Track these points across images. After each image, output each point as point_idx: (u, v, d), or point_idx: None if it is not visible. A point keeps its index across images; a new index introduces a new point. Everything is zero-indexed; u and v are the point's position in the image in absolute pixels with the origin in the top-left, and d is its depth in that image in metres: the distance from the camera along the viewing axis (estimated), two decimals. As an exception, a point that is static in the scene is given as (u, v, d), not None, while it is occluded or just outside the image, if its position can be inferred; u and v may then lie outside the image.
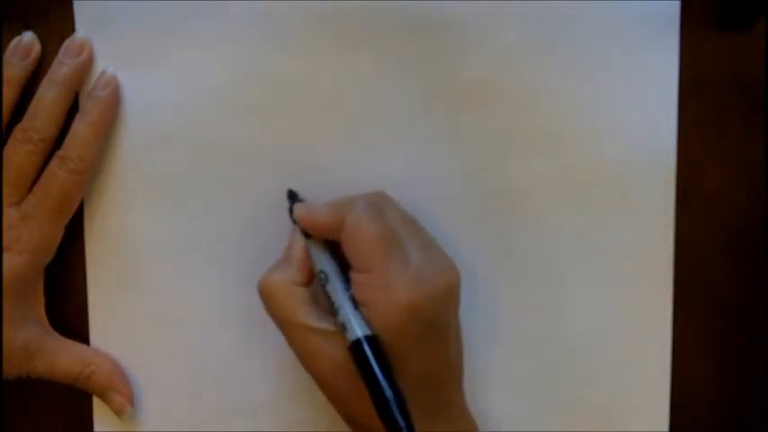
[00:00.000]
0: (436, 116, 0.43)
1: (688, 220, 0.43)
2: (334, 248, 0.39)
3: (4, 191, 0.41)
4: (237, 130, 0.43)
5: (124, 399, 0.43)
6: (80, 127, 0.41)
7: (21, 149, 0.41)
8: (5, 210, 0.41)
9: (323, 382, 0.38)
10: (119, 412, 0.43)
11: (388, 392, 0.34)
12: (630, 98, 0.43)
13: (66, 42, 0.42)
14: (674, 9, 0.42)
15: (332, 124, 0.43)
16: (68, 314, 0.44)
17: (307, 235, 0.40)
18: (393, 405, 0.34)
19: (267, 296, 0.39)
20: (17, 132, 0.41)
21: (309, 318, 0.37)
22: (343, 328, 0.36)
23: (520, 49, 0.42)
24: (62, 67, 0.42)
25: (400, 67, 0.42)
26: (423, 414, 0.36)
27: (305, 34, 0.42)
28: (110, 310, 0.44)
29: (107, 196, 0.43)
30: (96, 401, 0.44)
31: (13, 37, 0.42)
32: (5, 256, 0.41)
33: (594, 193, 0.43)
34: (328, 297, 0.38)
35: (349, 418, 0.39)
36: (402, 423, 0.34)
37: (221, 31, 0.42)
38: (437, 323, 0.37)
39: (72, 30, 0.42)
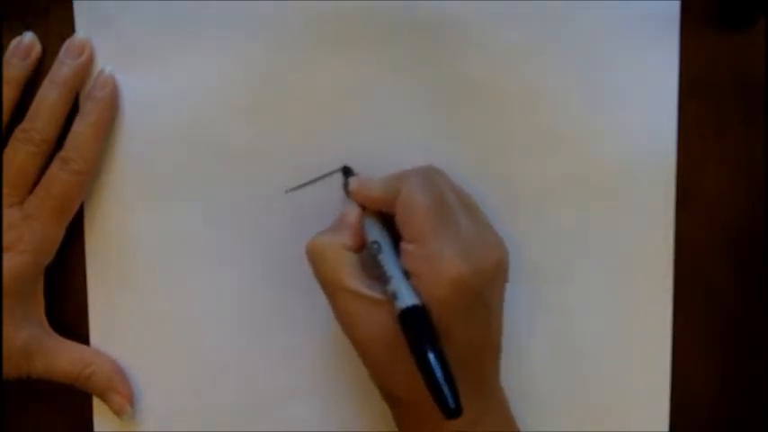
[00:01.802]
0: (436, 116, 0.43)
1: (688, 220, 0.43)
2: (388, 222, 0.39)
3: (6, 191, 0.41)
4: (237, 130, 0.43)
5: (124, 399, 0.43)
6: (80, 127, 0.41)
7: (22, 150, 0.41)
8: (7, 210, 0.41)
9: (364, 350, 0.38)
10: (118, 412, 0.43)
11: (436, 364, 0.34)
12: (630, 98, 0.43)
13: (67, 43, 0.42)
14: (674, 9, 0.42)
15: (332, 124, 0.43)
16: (68, 314, 0.44)
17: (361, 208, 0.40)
18: (441, 377, 0.34)
19: (316, 257, 0.39)
20: (18, 133, 0.41)
21: (358, 283, 0.37)
22: (393, 297, 0.36)
23: (520, 49, 0.42)
24: (63, 68, 0.42)
25: (400, 67, 0.42)
26: (461, 388, 0.35)
27: (305, 34, 0.42)
28: (110, 310, 0.44)
29: (107, 196, 0.43)
30: (96, 401, 0.44)
31: (13, 37, 0.42)
32: (6, 256, 0.41)
33: (594, 193, 0.43)
34: (380, 266, 0.38)
35: (386, 390, 0.39)
36: (449, 395, 0.34)
37: (221, 32, 0.42)
38: (483, 298, 0.37)
39: (72, 30, 0.42)
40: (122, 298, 0.44)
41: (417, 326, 0.35)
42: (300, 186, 0.43)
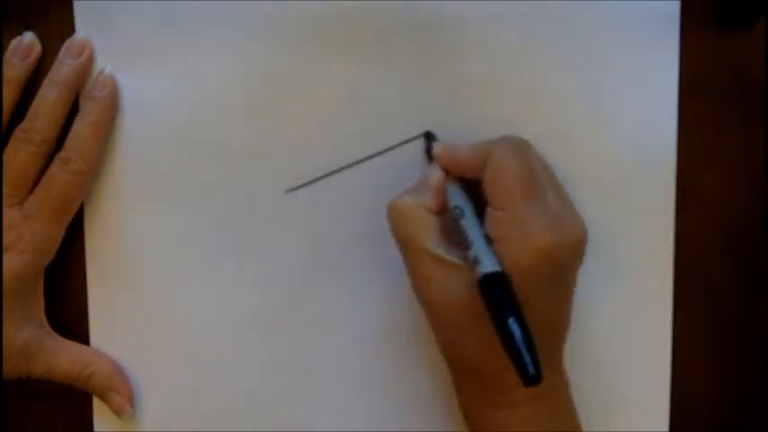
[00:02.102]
0: (436, 116, 0.43)
1: (688, 220, 0.43)
2: (469, 188, 0.39)
3: (6, 191, 0.41)
4: (237, 130, 0.43)
5: (124, 399, 0.43)
6: (80, 127, 0.41)
7: (22, 150, 0.41)
8: (7, 210, 0.41)
9: (436, 313, 0.38)
10: (118, 412, 0.43)
11: (518, 329, 0.34)
12: (630, 98, 0.43)
13: (67, 43, 0.42)
14: (674, 9, 0.42)
15: (332, 124, 0.43)
16: (68, 314, 0.44)
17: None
18: (522, 342, 0.34)
19: (398, 217, 0.39)
20: (18, 133, 0.41)
21: (437, 246, 0.37)
22: (473, 263, 0.36)
23: (520, 49, 0.42)
24: (63, 68, 0.42)
25: (400, 67, 0.42)
26: None
27: (305, 34, 0.42)
28: (110, 310, 0.44)
29: (107, 196, 0.43)
30: (96, 401, 0.44)
31: (13, 37, 0.42)
32: (6, 256, 0.41)
33: (594, 193, 0.43)
34: (461, 231, 0.37)
35: (452, 355, 0.39)
36: (530, 361, 0.34)
37: (221, 32, 0.42)
38: (563, 272, 0.37)
39: (72, 30, 0.42)
40: (122, 298, 0.44)
41: (499, 292, 0.35)
42: (300, 186, 0.43)
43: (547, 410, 0.39)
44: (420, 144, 0.42)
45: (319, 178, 0.43)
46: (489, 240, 0.37)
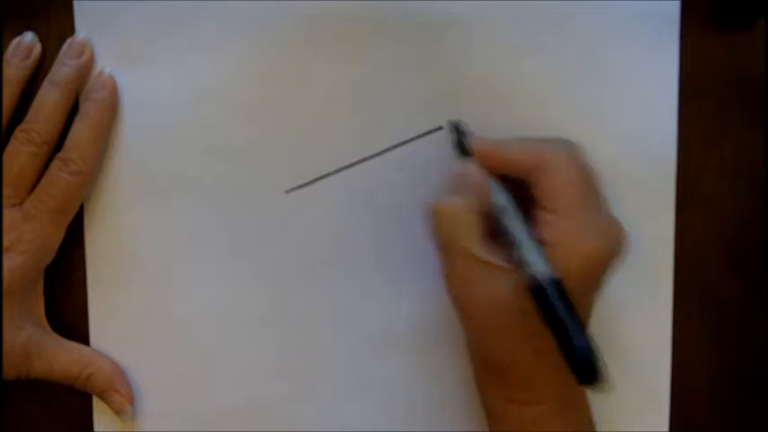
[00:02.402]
0: (436, 116, 0.43)
1: (688, 221, 0.43)
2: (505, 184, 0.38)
3: (6, 192, 0.41)
4: (237, 130, 0.43)
5: (124, 399, 0.43)
6: (80, 128, 0.41)
7: (22, 151, 0.41)
8: (7, 211, 0.41)
9: (473, 315, 0.38)
10: (119, 412, 0.43)
11: (581, 339, 0.34)
12: (630, 98, 0.43)
13: (67, 43, 0.42)
14: (674, 9, 0.42)
15: (332, 124, 0.43)
16: (68, 314, 0.44)
17: None
18: (587, 351, 0.34)
19: (445, 219, 0.38)
20: (18, 133, 0.41)
21: (478, 247, 0.37)
22: (521, 264, 0.36)
23: (520, 49, 0.42)
24: (63, 68, 0.42)
25: (400, 67, 0.42)
26: None
27: (305, 34, 0.42)
28: (110, 310, 0.44)
29: (107, 196, 0.43)
30: (96, 401, 0.44)
31: (13, 37, 0.42)
32: (7, 257, 0.41)
33: (594, 194, 0.43)
34: (507, 231, 0.37)
35: (484, 356, 0.39)
36: (598, 368, 0.34)
37: (221, 31, 0.42)
38: (604, 276, 0.37)
39: (72, 30, 0.42)
40: (122, 298, 0.44)
41: (557, 296, 0.35)
42: (300, 186, 0.43)
43: (572, 407, 0.39)
44: (421, 144, 0.42)
45: (319, 178, 0.43)
46: (537, 242, 0.36)
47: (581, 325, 0.35)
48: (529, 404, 0.38)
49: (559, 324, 0.35)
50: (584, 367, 0.34)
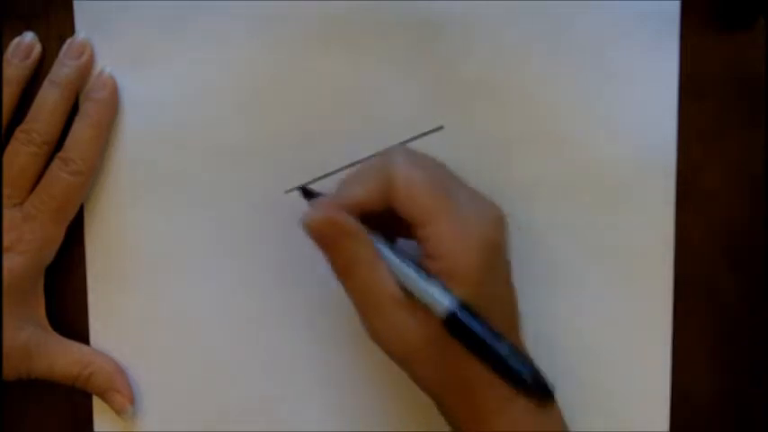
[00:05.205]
0: (436, 116, 0.43)
1: (688, 220, 0.43)
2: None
3: (6, 192, 0.41)
4: (237, 130, 0.43)
5: (125, 399, 0.43)
6: (80, 128, 0.41)
7: (23, 151, 0.41)
8: (7, 211, 0.41)
9: (402, 357, 0.36)
10: (119, 412, 0.43)
11: (504, 348, 0.34)
12: (630, 98, 0.43)
13: (67, 43, 0.42)
14: (674, 9, 0.42)
15: (332, 124, 0.43)
16: (68, 314, 0.44)
17: None
18: (523, 364, 0.33)
19: (350, 273, 0.36)
20: (19, 134, 0.41)
21: (396, 289, 0.36)
22: (426, 300, 0.35)
23: (520, 49, 0.42)
24: (63, 69, 0.42)
25: (400, 67, 0.43)
26: None
27: (305, 34, 0.42)
28: (110, 310, 0.44)
29: (107, 196, 0.43)
30: (96, 401, 0.44)
31: (13, 37, 0.42)
32: (7, 257, 0.41)
33: (594, 193, 0.43)
34: (396, 273, 0.36)
35: (437, 392, 0.37)
36: (528, 372, 0.33)
37: (221, 31, 0.42)
38: (504, 255, 0.37)
39: (72, 30, 0.42)
40: (122, 298, 0.44)
41: (468, 324, 0.34)
42: (300, 186, 0.43)
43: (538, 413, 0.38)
44: (421, 144, 0.42)
45: (319, 178, 0.43)
46: (426, 271, 0.35)
47: (503, 339, 0.34)
48: (492, 413, 0.36)
49: (485, 346, 0.34)
50: (524, 379, 0.33)
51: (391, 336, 0.36)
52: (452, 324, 0.35)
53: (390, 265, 0.36)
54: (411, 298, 0.35)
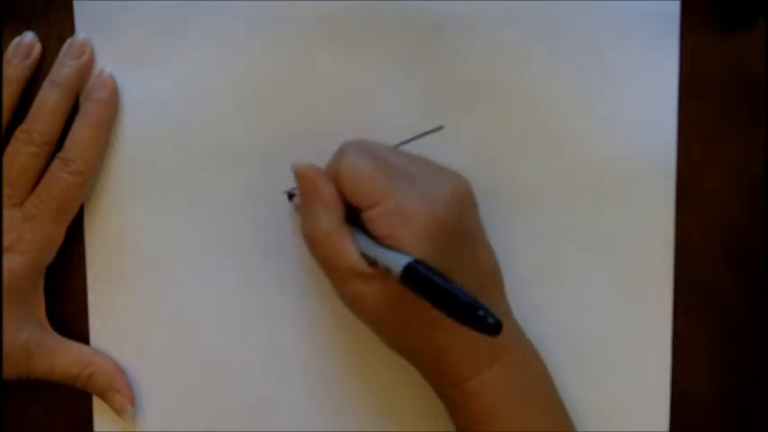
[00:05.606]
0: (436, 116, 0.43)
1: (688, 220, 0.43)
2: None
3: (7, 192, 0.41)
4: (237, 130, 0.43)
5: (125, 398, 0.43)
6: (80, 128, 0.41)
7: (23, 151, 0.41)
8: (8, 211, 0.41)
9: (374, 322, 0.39)
10: (120, 412, 0.43)
11: (459, 291, 0.34)
12: (630, 98, 0.43)
13: (68, 44, 0.42)
14: (674, 9, 0.42)
15: (332, 124, 0.43)
16: (68, 314, 0.44)
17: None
18: (469, 299, 0.33)
19: (314, 242, 0.38)
20: (19, 134, 0.41)
21: (358, 260, 0.37)
22: (388, 270, 0.36)
23: (520, 49, 0.42)
24: (63, 69, 0.42)
25: (400, 67, 0.43)
26: None
27: (305, 34, 0.42)
28: (110, 310, 0.44)
29: (107, 196, 0.43)
30: (96, 401, 0.44)
31: (13, 37, 0.42)
32: (7, 257, 0.41)
33: (594, 193, 0.43)
34: (363, 253, 0.37)
35: (410, 352, 0.40)
36: (485, 311, 0.33)
37: (221, 32, 0.42)
38: (461, 229, 0.38)
39: (72, 30, 0.42)
40: (122, 298, 0.44)
41: (421, 275, 0.35)
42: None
43: (514, 363, 0.39)
44: (421, 144, 0.42)
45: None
46: (380, 241, 0.37)
47: (454, 284, 0.34)
48: (468, 379, 0.38)
49: (437, 296, 0.34)
50: (477, 316, 0.33)
51: (357, 302, 0.38)
52: (408, 279, 0.35)
53: (355, 235, 0.38)
54: (374, 266, 0.37)
